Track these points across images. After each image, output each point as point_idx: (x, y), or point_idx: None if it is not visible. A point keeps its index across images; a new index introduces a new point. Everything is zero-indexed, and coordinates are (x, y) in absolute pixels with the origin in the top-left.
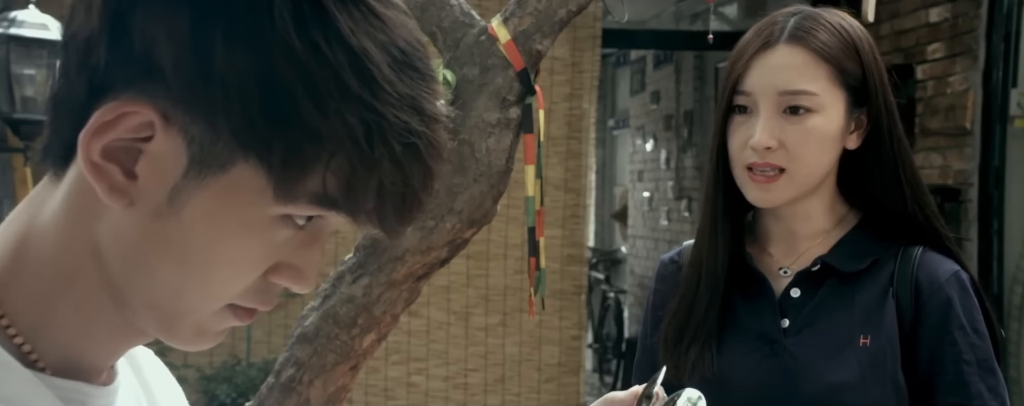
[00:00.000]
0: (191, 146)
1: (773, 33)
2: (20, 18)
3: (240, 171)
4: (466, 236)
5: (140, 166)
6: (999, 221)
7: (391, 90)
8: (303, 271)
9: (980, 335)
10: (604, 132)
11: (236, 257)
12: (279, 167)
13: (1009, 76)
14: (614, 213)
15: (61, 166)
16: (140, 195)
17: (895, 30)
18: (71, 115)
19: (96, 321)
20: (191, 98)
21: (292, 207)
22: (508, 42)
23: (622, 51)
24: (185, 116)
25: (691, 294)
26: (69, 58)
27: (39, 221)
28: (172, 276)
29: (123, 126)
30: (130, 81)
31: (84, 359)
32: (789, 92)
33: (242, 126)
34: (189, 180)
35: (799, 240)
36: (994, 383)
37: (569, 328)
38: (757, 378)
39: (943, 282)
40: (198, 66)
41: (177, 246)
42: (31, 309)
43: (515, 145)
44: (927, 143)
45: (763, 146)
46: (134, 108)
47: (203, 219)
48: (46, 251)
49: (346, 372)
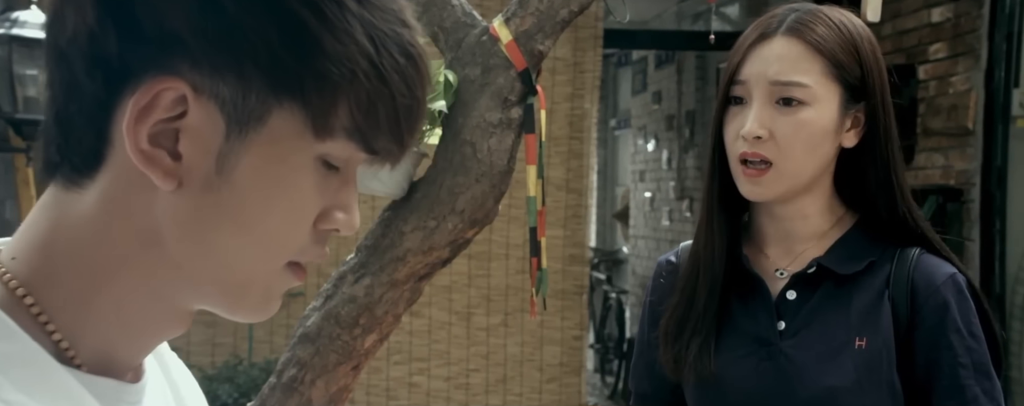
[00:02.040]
0: (225, 108)
1: (772, 25)
2: (22, 18)
3: (278, 119)
4: (468, 236)
5: (182, 144)
6: (1001, 221)
7: (381, 6)
8: (349, 210)
9: (976, 338)
10: (606, 132)
11: (291, 208)
12: (315, 100)
13: (1011, 76)
14: (616, 213)
15: (82, 172)
16: (188, 173)
17: (897, 30)
18: (92, 117)
19: (137, 314)
20: (216, 57)
21: (330, 144)
22: (510, 42)
23: (624, 51)
24: (212, 79)
25: (690, 288)
26: (72, 63)
27: (69, 223)
28: (233, 246)
29: (160, 106)
30: (149, 62)
31: (118, 356)
32: (781, 82)
33: (271, 68)
34: (232, 143)
35: (795, 241)
36: (990, 387)
37: (571, 328)
38: (753, 380)
39: (940, 285)
40: (216, 23)
41: (233, 213)
42: (70, 307)
43: (517, 145)
44: (929, 143)
45: (752, 135)
46: (164, 85)
47: (254, 177)
48: (84, 250)
49: (348, 372)
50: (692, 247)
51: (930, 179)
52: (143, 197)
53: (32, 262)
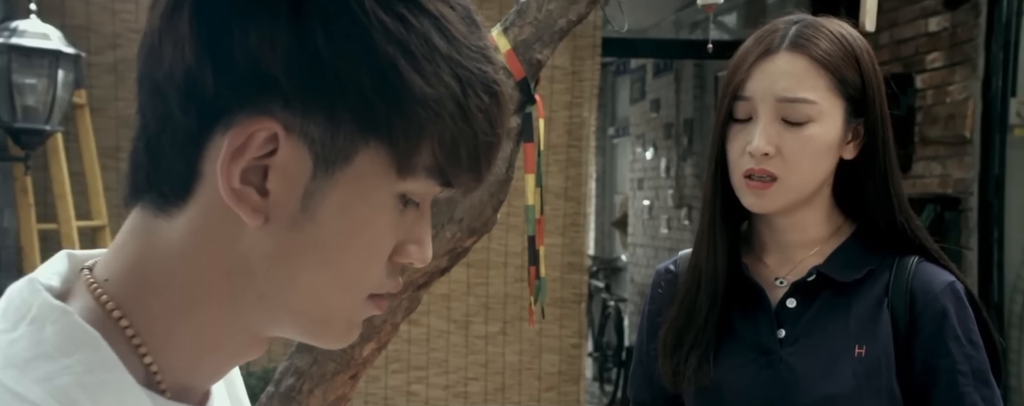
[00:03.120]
0: (314, 147)
1: (774, 40)
2: (22, 28)
3: (364, 158)
4: (466, 245)
5: (271, 181)
6: (999, 230)
7: (468, 44)
8: (422, 243)
9: (975, 346)
10: (604, 140)
11: (370, 245)
12: (401, 141)
13: (1008, 85)
14: (614, 221)
15: (171, 201)
16: (274, 209)
17: (894, 39)
18: (183, 150)
19: (218, 340)
20: (308, 98)
21: (411, 182)
22: (508, 51)
23: (622, 60)
24: (304, 119)
25: (690, 300)
26: (167, 96)
27: (159, 249)
28: (316, 280)
29: (254, 146)
30: (244, 101)
31: (195, 381)
32: (788, 99)
33: (361, 109)
34: (318, 181)
35: (795, 250)
36: (989, 394)
37: (569, 336)
38: (753, 388)
39: (938, 292)
40: (309, 66)
41: (317, 249)
42: (158, 331)
43: (515, 154)
44: (927, 152)
45: (760, 152)
46: (259, 125)
47: (338, 214)
48: (174, 277)
49: (346, 381)
50: (692, 260)
51: (928, 188)
52: (230, 230)
53: (125, 284)
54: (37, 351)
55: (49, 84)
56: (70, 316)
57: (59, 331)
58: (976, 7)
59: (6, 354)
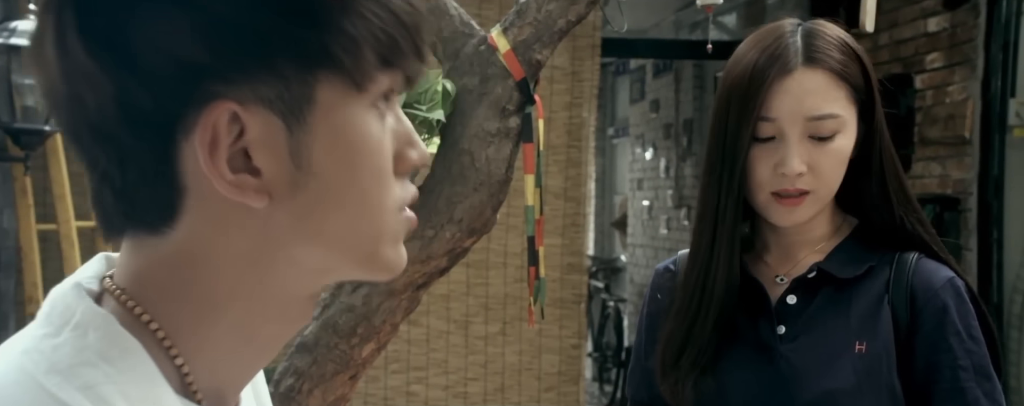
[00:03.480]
0: (274, 106)
1: (788, 55)
2: (21, 28)
3: (322, 91)
4: (466, 245)
5: (256, 159)
6: (998, 230)
7: None
8: (416, 143)
9: (976, 341)
10: (604, 141)
11: (373, 164)
12: (345, 59)
13: (1007, 86)
14: (614, 222)
15: (158, 227)
16: (272, 182)
17: (894, 39)
18: (157, 176)
19: (253, 329)
20: (241, 64)
21: (373, 87)
22: (508, 52)
23: (622, 60)
24: (249, 86)
25: (690, 316)
26: (113, 135)
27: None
28: (343, 223)
29: (222, 134)
30: (186, 98)
31: (228, 384)
32: (817, 117)
33: (292, 49)
34: (296, 135)
35: (796, 248)
36: (990, 389)
37: (569, 337)
38: (754, 385)
39: (938, 288)
40: (222, 33)
41: (329, 195)
42: (187, 334)
43: (515, 154)
44: (926, 152)
45: (796, 172)
46: (214, 113)
47: (330, 154)
48: (194, 283)
49: (345, 381)
50: (690, 274)
51: (927, 188)
52: (235, 224)
53: (142, 295)
54: (81, 358)
55: None
56: (113, 323)
57: (102, 338)
58: (975, 7)
59: (50, 360)
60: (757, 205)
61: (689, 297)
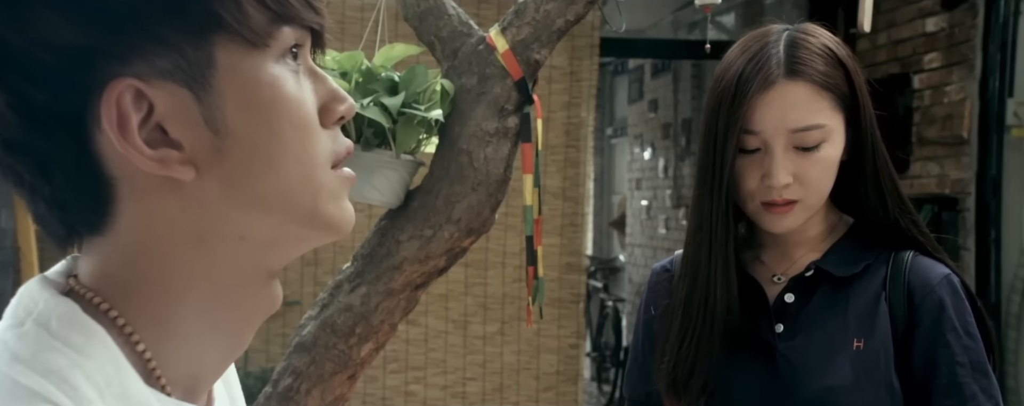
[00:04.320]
0: (176, 75)
1: (769, 66)
2: None
3: (221, 54)
4: (464, 245)
5: (172, 131)
6: (996, 230)
7: None
8: (338, 95)
9: (973, 337)
10: (602, 140)
11: (293, 118)
12: (232, 19)
13: (1005, 86)
14: (612, 221)
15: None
16: (194, 153)
17: (892, 39)
18: (82, 173)
19: (219, 314)
20: (128, 40)
21: (276, 43)
22: (506, 51)
23: (620, 60)
24: (144, 59)
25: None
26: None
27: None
28: (274, 183)
29: (128, 110)
30: (81, 84)
31: (197, 375)
32: (801, 129)
33: (177, 16)
34: (206, 101)
35: (792, 248)
36: (987, 385)
37: (567, 336)
38: (753, 383)
39: (935, 285)
40: (100, 13)
41: (254, 156)
42: (151, 324)
43: (513, 154)
44: (924, 152)
45: (782, 184)
46: (113, 93)
47: (245, 115)
48: (148, 274)
49: (344, 381)
50: (694, 291)
51: (925, 188)
52: (169, 204)
53: (103, 290)
54: (44, 345)
55: None
56: (75, 311)
57: (65, 325)
58: (973, 7)
59: (12, 349)
60: (748, 213)
61: (694, 314)
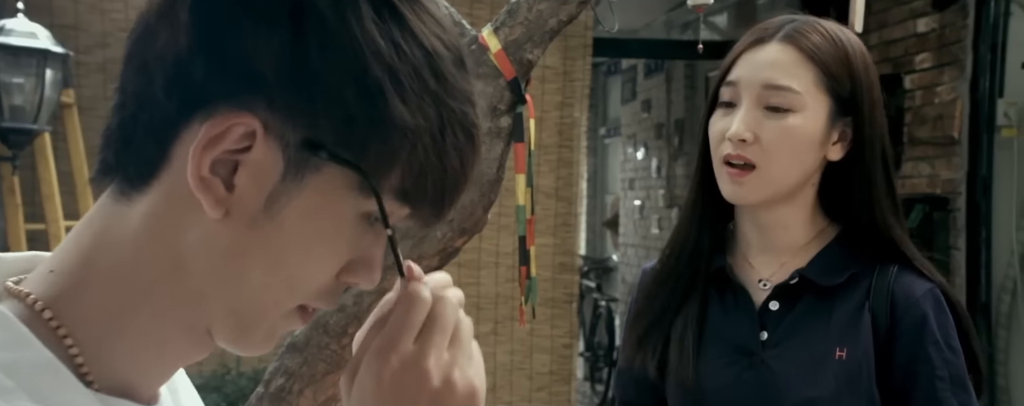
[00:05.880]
0: (288, 151)
1: (768, 30)
2: (9, 27)
3: (335, 170)
4: (457, 245)
5: (239, 177)
6: (987, 230)
7: (455, 85)
8: (373, 265)
9: (954, 351)
10: (595, 140)
11: (324, 256)
12: (373, 161)
13: (996, 86)
14: (605, 221)
15: (134, 184)
16: (237, 205)
17: (884, 40)
18: (157, 132)
19: (168, 334)
20: (293, 103)
21: (375, 202)
22: (499, 51)
23: (613, 60)
24: (283, 123)
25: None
26: (152, 77)
27: (111, 237)
28: (260, 282)
29: (230, 138)
30: (229, 94)
31: (139, 381)
32: (772, 86)
33: (341, 124)
34: (286, 185)
35: (778, 252)
36: (966, 399)
37: (560, 336)
38: (735, 390)
39: (919, 297)
40: (299, 72)
41: (271, 250)
42: (97, 323)
43: (506, 154)
44: (915, 152)
45: (738, 137)
46: (239, 119)
47: (299, 220)
48: (122, 266)
49: (336, 382)
50: (671, 250)
51: (916, 188)
52: (186, 219)
53: (68, 276)
54: None
55: (37, 83)
56: (3, 314)
57: None
58: (964, 8)
59: None
60: (716, 176)
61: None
